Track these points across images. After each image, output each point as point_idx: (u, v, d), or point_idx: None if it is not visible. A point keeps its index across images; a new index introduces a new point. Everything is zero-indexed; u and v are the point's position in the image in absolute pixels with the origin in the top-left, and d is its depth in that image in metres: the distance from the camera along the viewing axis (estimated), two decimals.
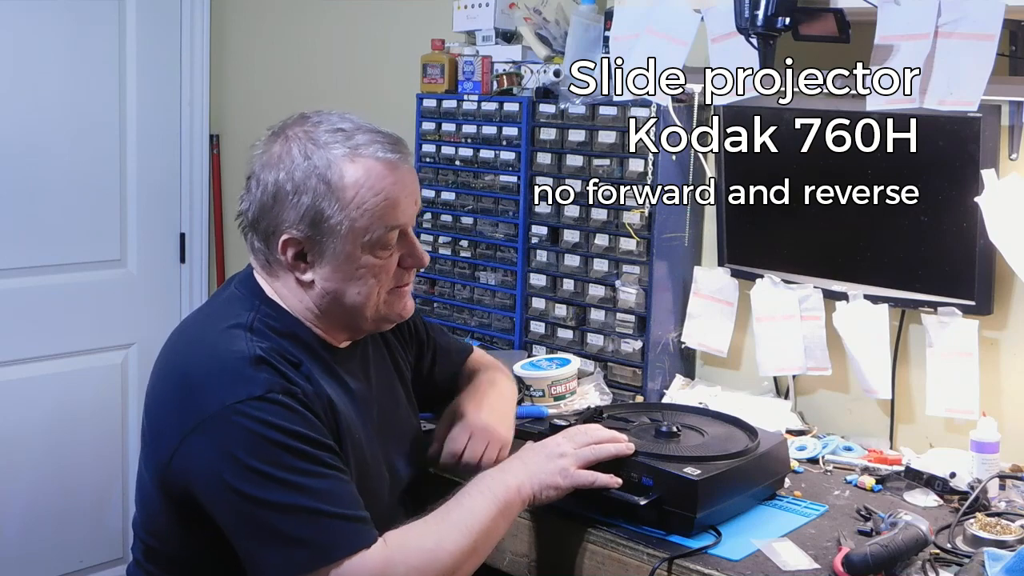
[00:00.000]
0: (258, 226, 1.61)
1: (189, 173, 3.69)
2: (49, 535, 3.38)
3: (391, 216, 1.60)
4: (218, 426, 1.47)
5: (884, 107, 1.89)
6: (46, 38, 3.28)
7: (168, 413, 1.55)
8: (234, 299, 1.65)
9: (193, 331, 1.65)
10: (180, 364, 1.58)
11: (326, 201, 1.56)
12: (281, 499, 1.45)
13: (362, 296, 1.62)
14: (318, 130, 1.60)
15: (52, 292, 3.36)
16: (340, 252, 1.58)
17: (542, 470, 1.68)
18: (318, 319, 1.65)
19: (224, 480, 1.46)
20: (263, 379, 1.50)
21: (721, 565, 1.62)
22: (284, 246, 1.59)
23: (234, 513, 1.48)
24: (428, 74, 2.77)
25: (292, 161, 1.57)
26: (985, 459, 1.91)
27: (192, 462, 1.49)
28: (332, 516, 1.47)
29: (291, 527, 1.45)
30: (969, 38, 1.79)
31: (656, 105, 2.31)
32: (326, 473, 1.49)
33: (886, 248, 2.16)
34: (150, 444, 1.59)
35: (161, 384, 1.60)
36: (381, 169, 1.59)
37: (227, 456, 1.46)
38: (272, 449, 1.46)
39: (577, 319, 2.53)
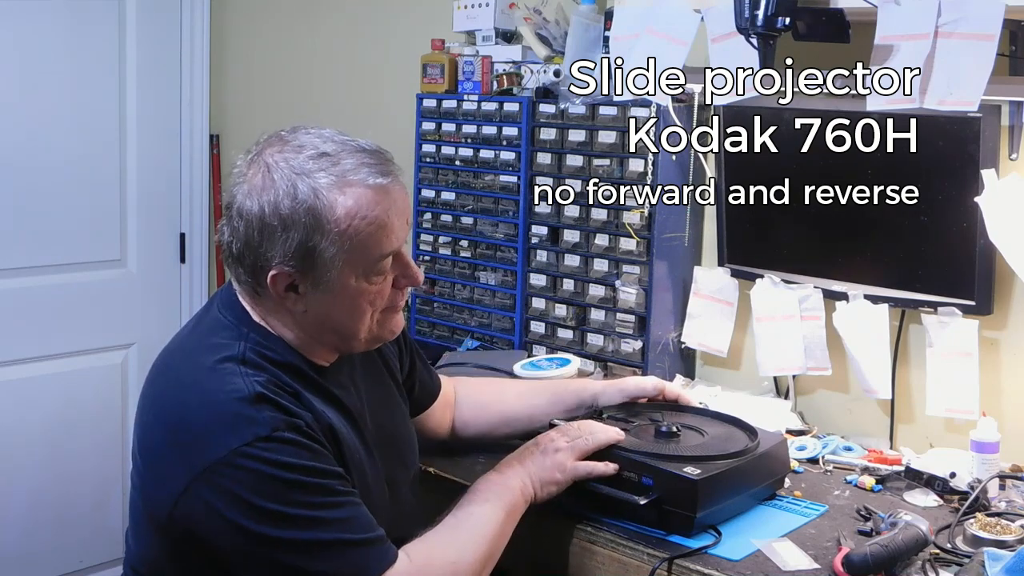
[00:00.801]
0: (244, 260, 1.53)
1: (189, 173, 3.69)
2: (49, 535, 3.38)
3: (385, 243, 1.53)
4: (226, 472, 1.42)
5: (884, 107, 1.89)
6: (46, 38, 3.27)
7: (169, 460, 1.48)
8: (220, 326, 1.58)
9: (183, 368, 1.56)
10: (176, 408, 1.51)
11: (317, 235, 1.48)
12: (301, 536, 1.43)
13: (355, 320, 1.57)
14: (300, 156, 1.50)
15: (52, 292, 3.36)
16: (335, 283, 1.51)
17: (540, 467, 1.70)
18: (308, 343, 1.59)
19: (239, 526, 1.42)
20: (266, 418, 1.45)
21: (721, 565, 1.62)
22: (274, 280, 1.51)
23: (254, 559, 1.44)
24: (428, 74, 2.77)
25: (276, 193, 1.48)
26: (985, 459, 1.91)
27: (200, 510, 1.44)
28: (354, 544, 1.46)
29: (316, 563, 1.43)
30: (969, 38, 1.79)
31: (656, 105, 2.31)
32: (340, 502, 1.47)
33: (886, 248, 2.16)
34: (149, 488, 1.53)
35: (154, 425, 1.53)
36: (372, 196, 1.50)
37: (240, 501, 1.42)
38: (285, 488, 1.43)
39: (577, 319, 2.53)
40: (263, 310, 1.58)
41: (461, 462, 1.99)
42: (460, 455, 2.03)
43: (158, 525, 1.51)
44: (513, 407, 2.01)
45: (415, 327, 2.86)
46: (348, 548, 1.45)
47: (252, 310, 1.59)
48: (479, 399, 2.04)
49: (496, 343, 2.67)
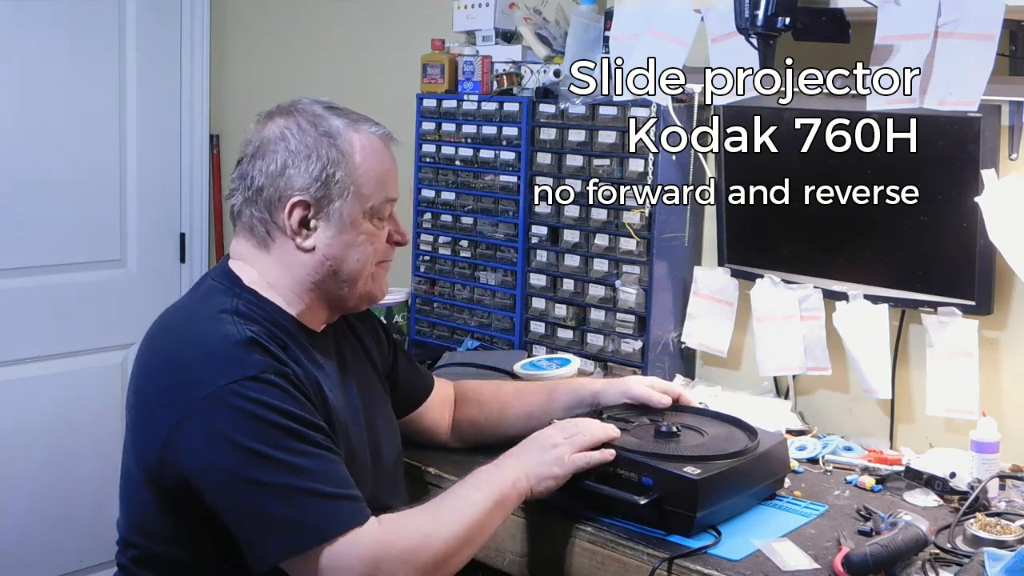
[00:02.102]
0: (262, 195, 1.63)
1: (189, 173, 3.69)
2: (49, 535, 3.38)
3: (389, 187, 1.68)
4: (212, 408, 1.48)
5: (884, 107, 1.89)
6: (46, 38, 3.27)
7: (160, 401, 1.54)
8: (214, 289, 1.66)
9: (177, 321, 1.65)
10: (169, 353, 1.58)
11: (336, 164, 1.62)
12: (275, 480, 1.46)
13: (360, 264, 1.66)
14: (315, 107, 1.67)
15: (52, 292, 3.36)
16: (345, 216, 1.63)
17: (538, 463, 1.69)
18: (306, 293, 1.67)
19: (218, 461, 1.47)
20: (256, 360, 1.51)
21: (721, 565, 1.62)
22: (292, 209, 1.62)
23: (228, 494, 1.48)
24: (428, 74, 2.77)
25: (301, 130, 1.63)
26: (985, 459, 1.91)
27: (187, 446, 1.49)
28: (326, 496, 1.48)
29: (286, 508, 1.46)
30: (969, 38, 1.79)
31: (656, 105, 2.31)
32: (319, 453, 1.51)
33: (886, 248, 2.16)
34: (141, 436, 1.58)
35: (149, 374, 1.60)
36: (379, 143, 1.68)
37: (222, 437, 1.47)
38: (266, 429, 1.47)
39: (577, 319, 2.53)
40: (265, 263, 1.66)
41: (461, 462, 1.98)
42: (459, 455, 2.03)
43: (149, 475, 1.55)
44: (512, 406, 2.02)
45: (415, 327, 2.86)
46: (320, 499, 1.47)
47: (247, 270, 1.67)
48: (478, 399, 2.05)
49: (496, 343, 2.67)
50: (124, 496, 1.66)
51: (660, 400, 1.97)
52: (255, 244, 1.67)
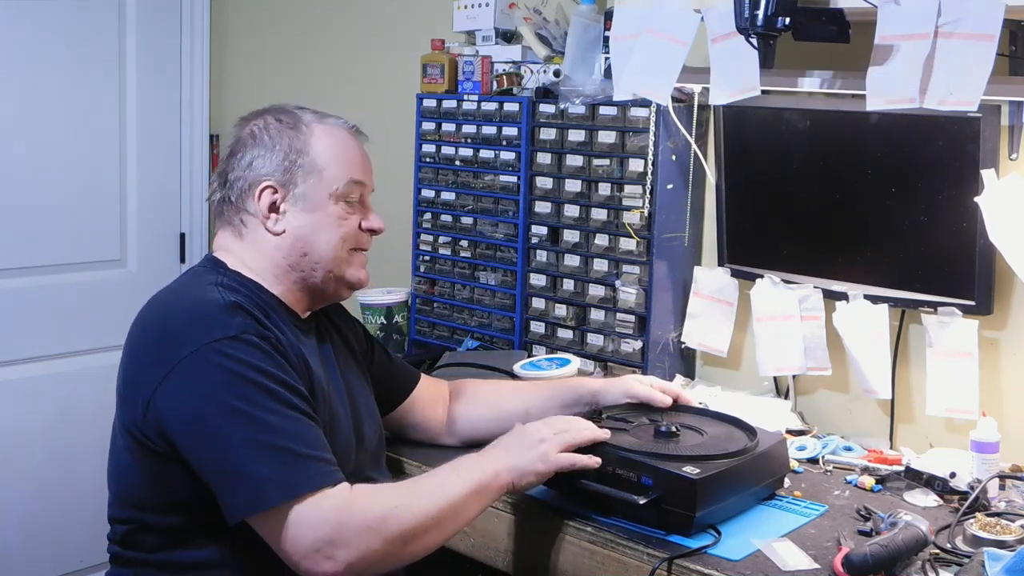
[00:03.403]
0: (235, 186, 1.74)
1: (189, 173, 3.69)
2: (49, 535, 3.38)
3: (355, 171, 1.76)
4: (193, 364, 1.53)
5: (884, 107, 1.89)
6: (46, 38, 3.27)
7: (144, 363, 1.61)
8: (199, 271, 1.75)
9: (161, 299, 1.72)
10: (154, 321, 1.66)
11: (298, 152, 1.72)
12: (248, 435, 1.50)
13: (328, 245, 1.73)
14: (287, 105, 1.79)
15: (52, 292, 3.36)
16: (311, 197, 1.72)
17: (522, 457, 1.69)
18: (284, 276, 1.74)
19: (195, 415, 1.52)
20: (238, 322, 1.58)
21: (721, 565, 1.62)
22: (260, 194, 1.71)
23: (202, 448, 1.52)
24: (428, 74, 2.77)
25: (267, 125, 1.75)
26: (985, 459, 1.91)
27: (168, 401, 1.54)
28: (298, 455, 1.51)
29: (256, 464, 1.49)
30: (969, 38, 1.78)
31: (656, 105, 2.31)
32: (294, 416, 1.54)
33: (886, 248, 2.16)
34: (127, 400, 1.63)
35: (135, 345, 1.66)
36: (344, 133, 1.78)
37: (200, 392, 1.52)
38: (244, 386, 1.52)
39: (577, 319, 2.53)
40: (242, 248, 1.74)
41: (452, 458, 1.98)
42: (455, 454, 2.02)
43: (134, 438, 1.59)
44: (510, 404, 2.03)
45: (415, 327, 2.86)
46: (291, 456, 1.50)
47: (230, 258, 1.75)
48: (475, 395, 2.07)
49: (496, 343, 2.67)
50: (113, 474, 1.70)
51: (661, 399, 1.97)
52: (232, 233, 1.76)
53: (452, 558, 1.91)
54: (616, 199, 2.42)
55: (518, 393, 2.05)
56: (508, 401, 2.03)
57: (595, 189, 2.46)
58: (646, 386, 2.00)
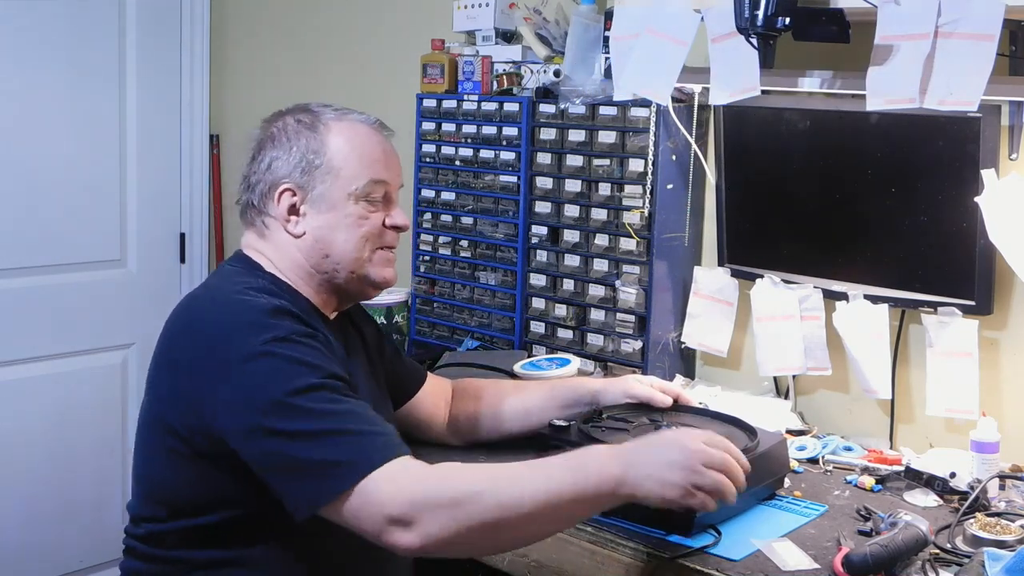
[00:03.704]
0: (255, 190, 1.73)
1: (189, 173, 3.69)
2: (49, 535, 3.38)
3: (376, 170, 1.72)
4: (246, 367, 1.52)
5: (884, 107, 1.89)
6: (46, 38, 3.27)
7: (193, 368, 1.58)
8: (235, 272, 1.72)
9: (206, 300, 1.70)
10: (199, 323, 1.63)
11: (315, 152, 1.70)
12: (313, 427, 1.48)
13: (349, 245, 1.71)
14: (310, 104, 1.76)
15: (52, 292, 3.36)
16: (329, 198, 1.70)
17: (653, 477, 1.48)
18: (310, 278, 1.72)
19: (256, 417, 1.50)
20: (286, 324, 1.58)
21: (721, 565, 1.62)
22: (280, 196, 1.70)
23: (266, 449, 1.50)
24: (428, 74, 2.77)
25: (287, 127, 1.73)
26: (985, 459, 1.91)
27: (224, 406, 1.53)
28: (357, 433, 1.49)
29: (324, 451, 1.47)
30: (969, 38, 1.78)
31: (656, 105, 2.31)
32: (351, 401, 1.54)
33: (886, 248, 2.16)
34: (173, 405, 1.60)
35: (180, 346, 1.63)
36: (366, 129, 1.75)
37: (254, 394, 1.51)
38: (298, 382, 1.51)
39: (577, 319, 2.53)
40: (268, 248, 1.73)
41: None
42: (458, 453, 2.03)
43: (183, 441, 1.58)
44: (510, 403, 2.02)
45: (415, 327, 2.86)
46: (356, 437, 1.49)
47: (260, 257, 1.73)
48: (476, 394, 2.06)
49: (496, 343, 2.67)
50: (143, 471, 1.69)
51: (661, 399, 1.96)
52: (257, 235, 1.75)
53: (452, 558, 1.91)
54: (616, 199, 2.42)
55: (519, 394, 2.05)
56: (509, 401, 2.03)
57: (595, 189, 2.46)
58: (646, 386, 1.99)
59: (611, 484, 1.47)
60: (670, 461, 1.48)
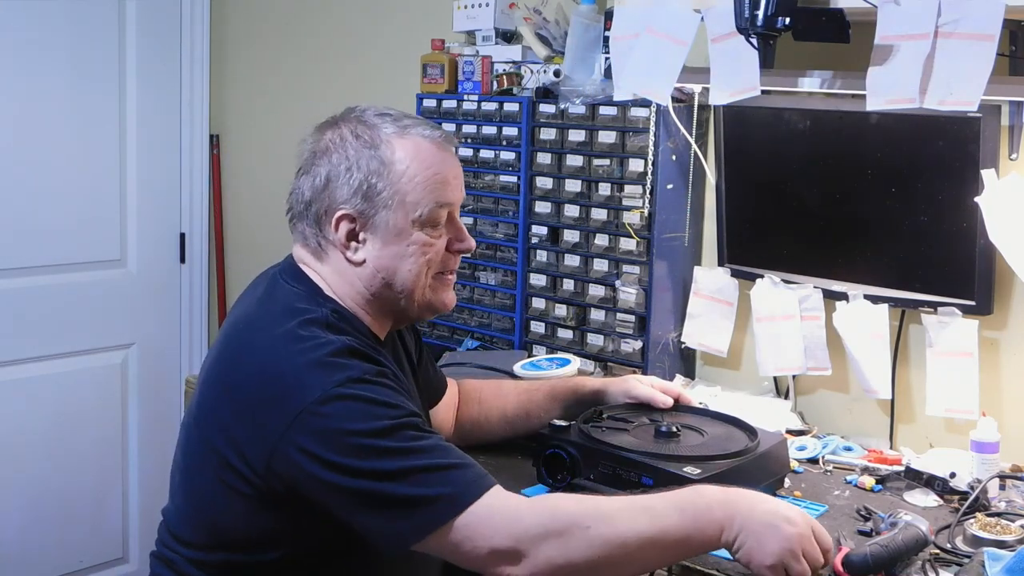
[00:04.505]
0: (310, 210, 1.62)
1: (189, 173, 3.69)
2: (49, 535, 3.38)
3: (441, 193, 1.63)
4: (320, 411, 1.46)
5: (884, 107, 1.89)
6: (46, 38, 3.27)
7: (264, 412, 1.50)
8: (297, 295, 1.62)
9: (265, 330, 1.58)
10: (268, 363, 1.53)
11: (377, 175, 1.59)
12: (397, 466, 1.44)
13: (412, 274, 1.62)
14: (366, 114, 1.64)
15: (52, 292, 3.36)
16: (392, 226, 1.60)
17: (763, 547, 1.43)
18: (368, 305, 1.65)
19: (337, 462, 1.45)
20: (357, 364, 1.51)
21: (721, 565, 1.62)
22: (337, 223, 1.60)
23: (350, 492, 1.45)
24: (428, 74, 2.77)
25: (344, 142, 1.61)
26: (985, 459, 1.91)
27: (298, 452, 1.46)
28: (450, 467, 1.46)
29: (412, 489, 1.44)
30: (969, 38, 1.78)
31: (656, 105, 2.31)
32: (429, 436, 1.50)
33: (886, 248, 2.16)
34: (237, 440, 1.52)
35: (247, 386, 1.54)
36: (429, 146, 1.63)
37: (336, 439, 1.45)
38: (377, 423, 1.46)
39: (577, 319, 2.53)
40: (325, 272, 1.64)
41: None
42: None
43: (247, 480, 1.51)
44: (511, 405, 2.02)
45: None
46: (444, 471, 1.45)
47: (319, 279, 1.65)
48: (478, 397, 2.05)
49: (496, 343, 2.67)
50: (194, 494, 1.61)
51: (662, 400, 1.96)
52: (311, 253, 1.66)
53: None
54: (616, 199, 2.42)
55: (520, 396, 2.03)
56: (510, 404, 2.02)
57: (595, 189, 2.46)
58: (647, 387, 1.99)
59: (716, 530, 1.45)
60: (777, 529, 1.44)
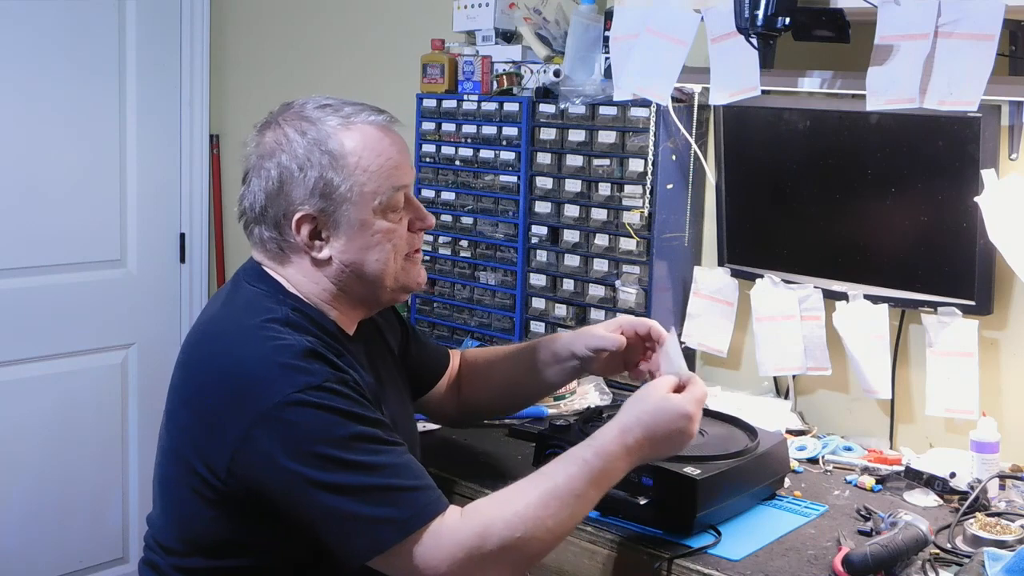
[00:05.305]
0: (267, 214, 1.61)
1: (189, 173, 3.69)
2: (49, 535, 3.38)
3: (396, 176, 1.62)
4: (281, 416, 1.46)
5: (884, 107, 1.89)
6: (46, 38, 3.27)
7: (224, 413, 1.51)
8: (258, 296, 1.62)
9: (228, 331, 1.60)
10: (229, 364, 1.54)
11: (332, 171, 1.58)
12: (354, 481, 1.45)
13: (381, 263, 1.63)
14: (306, 109, 1.62)
15: (52, 292, 3.36)
16: (354, 220, 1.59)
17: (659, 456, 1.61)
18: (335, 300, 1.65)
19: (295, 470, 1.45)
20: (318, 369, 1.50)
21: (721, 565, 1.62)
22: (298, 225, 1.59)
23: (307, 500, 1.47)
24: (428, 74, 2.77)
25: (290, 142, 1.59)
26: (985, 459, 1.91)
27: (259, 456, 1.47)
28: (405, 489, 1.47)
29: (369, 507, 1.45)
30: (969, 38, 1.78)
31: (656, 105, 2.31)
32: (389, 450, 1.50)
33: (886, 248, 2.16)
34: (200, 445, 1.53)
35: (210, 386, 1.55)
36: (376, 132, 1.62)
37: (294, 446, 1.46)
38: (337, 433, 1.46)
39: (577, 319, 2.53)
40: (292, 274, 1.64)
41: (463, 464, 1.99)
42: (460, 455, 2.03)
43: (210, 485, 1.53)
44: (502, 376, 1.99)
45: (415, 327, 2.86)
46: (398, 493, 1.47)
47: (281, 278, 1.64)
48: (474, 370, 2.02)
49: (496, 343, 2.67)
50: (170, 503, 1.63)
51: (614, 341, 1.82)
52: (272, 258, 1.65)
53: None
54: (616, 199, 2.42)
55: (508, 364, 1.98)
56: (501, 373, 1.99)
57: (595, 189, 2.46)
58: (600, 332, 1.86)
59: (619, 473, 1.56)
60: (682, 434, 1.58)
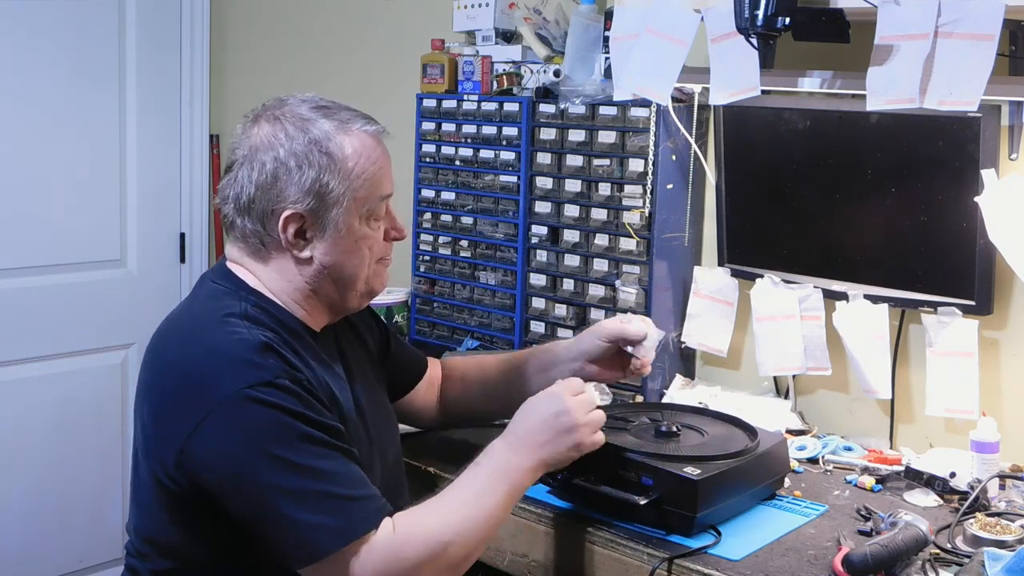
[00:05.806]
0: (254, 207, 1.59)
1: (189, 173, 3.69)
2: (49, 535, 3.38)
3: (384, 186, 1.64)
4: (228, 413, 1.46)
5: (884, 107, 1.89)
6: (46, 38, 3.27)
7: (174, 407, 1.51)
8: (218, 292, 1.63)
9: (185, 327, 1.61)
10: (180, 357, 1.55)
11: (329, 173, 1.57)
12: (296, 483, 1.45)
13: (357, 268, 1.64)
14: (303, 108, 1.62)
15: (52, 292, 3.36)
16: (342, 224, 1.60)
17: (558, 451, 1.63)
18: (305, 300, 1.64)
19: (237, 466, 1.46)
20: (271, 365, 1.50)
21: (721, 565, 1.62)
22: (286, 223, 1.58)
23: (247, 499, 1.47)
24: (428, 74, 2.77)
25: (290, 138, 1.58)
26: (985, 459, 1.91)
27: (203, 451, 1.47)
28: (342, 498, 1.47)
29: (301, 512, 1.45)
30: (969, 38, 1.78)
31: (656, 105, 2.31)
32: (334, 456, 1.50)
33: (886, 248, 2.16)
34: (154, 444, 1.55)
35: (160, 380, 1.56)
36: (371, 141, 1.63)
37: (240, 441, 1.46)
38: (283, 433, 1.46)
39: (577, 319, 2.53)
40: (262, 271, 1.64)
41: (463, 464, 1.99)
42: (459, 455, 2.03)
43: (162, 483, 1.53)
44: (494, 380, 2.00)
45: (415, 327, 2.86)
46: (335, 501, 1.46)
47: (248, 275, 1.64)
48: (462, 376, 2.04)
49: (496, 343, 2.67)
50: (136, 502, 1.64)
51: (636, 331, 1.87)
52: (249, 253, 1.64)
53: None
54: (616, 199, 2.42)
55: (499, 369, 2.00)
56: (492, 378, 2.00)
57: (595, 189, 2.46)
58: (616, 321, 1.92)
59: (527, 479, 1.61)
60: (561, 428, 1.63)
